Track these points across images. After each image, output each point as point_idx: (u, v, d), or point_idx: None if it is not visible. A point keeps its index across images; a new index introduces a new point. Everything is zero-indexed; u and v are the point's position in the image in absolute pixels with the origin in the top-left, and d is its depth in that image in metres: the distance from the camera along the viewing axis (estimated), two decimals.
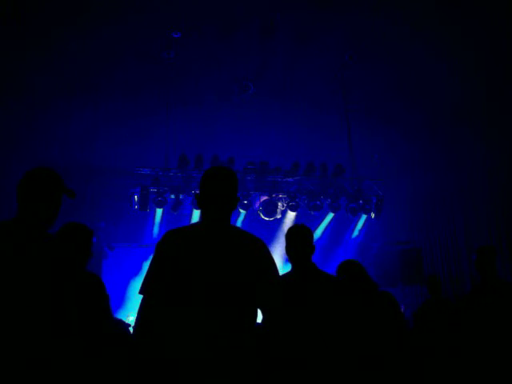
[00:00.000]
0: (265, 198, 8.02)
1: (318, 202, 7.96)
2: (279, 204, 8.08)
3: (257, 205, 8.09)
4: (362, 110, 6.96)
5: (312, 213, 8.06)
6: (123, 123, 6.84)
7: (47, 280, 1.88)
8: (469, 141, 7.07)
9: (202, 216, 2.13)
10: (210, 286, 1.89)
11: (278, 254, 9.03)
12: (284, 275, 2.89)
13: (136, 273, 8.15)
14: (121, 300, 7.75)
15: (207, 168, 2.21)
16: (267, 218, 8.12)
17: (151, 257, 2.03)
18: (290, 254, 2.89)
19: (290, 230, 2.94)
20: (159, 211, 7.83)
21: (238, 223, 8.50)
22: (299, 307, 2.68)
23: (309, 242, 2.87)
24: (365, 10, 5.12)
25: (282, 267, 8.85)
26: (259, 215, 8.15)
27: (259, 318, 2.07)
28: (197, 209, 7.82)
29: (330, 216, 8.61)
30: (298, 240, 2.86)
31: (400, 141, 7.46)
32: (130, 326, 4.07)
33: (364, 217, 8.27)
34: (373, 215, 8.04)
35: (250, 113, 6.94)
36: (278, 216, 8.22)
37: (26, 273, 1.84)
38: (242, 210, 8.03)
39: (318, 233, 9.13)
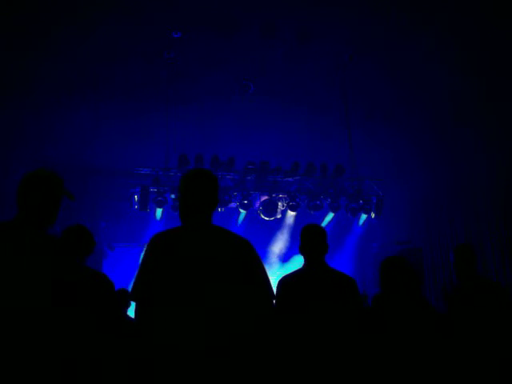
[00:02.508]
0: (265, 197, 8.02)
1: (318, 202, 7.95)
2: (279, 204, 8.07)
3: (257, 205, 8.08)
4: (362, 110, 6.96)
5: (312, 213, 8.05)
6: (123, 123, 6.84)
7: (47, 280, 1.88)
8: (469, 141, 7.06)
9: (183, 218, 2.15)
10: (199, 286, 1.91)
11: (277, 254, 9.03)
12: (297, 271, 2.96)
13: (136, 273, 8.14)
14: None
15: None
16: (267, 218, 8.11)
17: (140, 260, 2.05)
18: (305, 251, 2.94)
19: (306, 228, 3.00)
20: (159, 211, 7.82)
21: (238, 223, 8.50)
22: (311, 303, 2.72)
23: (324, 240, 2.94)
24: (365, 9, 5.13)
25: (280, 267, 8.87)
26: (259, 215, 8.14)
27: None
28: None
29: (330, 216, 8.60)
30: (314, 237, 2.93)
31: (400, 141, 7.45)
32: None
33: (364, 217, 8.26)
34: (373, 215, 8.04)
35: (250, 113, 6.94)
36: (278, 216, 8.21)
37: (25, 273, 1.84)
38: (242, 210, 8.03)
39: None
